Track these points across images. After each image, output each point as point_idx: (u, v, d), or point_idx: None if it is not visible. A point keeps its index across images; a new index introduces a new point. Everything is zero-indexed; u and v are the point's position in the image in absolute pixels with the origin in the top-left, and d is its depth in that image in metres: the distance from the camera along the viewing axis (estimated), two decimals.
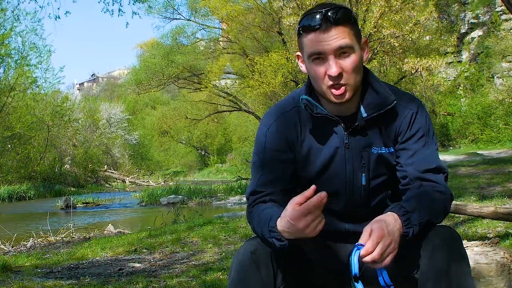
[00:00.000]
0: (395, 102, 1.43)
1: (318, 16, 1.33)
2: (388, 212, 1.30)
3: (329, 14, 1.32)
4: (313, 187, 1.24)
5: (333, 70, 1.33)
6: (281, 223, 1.29)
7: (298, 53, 1.47)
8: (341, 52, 1.34)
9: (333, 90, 1.37)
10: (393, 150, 1.47)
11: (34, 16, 21.81)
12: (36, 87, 24.58)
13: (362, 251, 1.24)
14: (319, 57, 1.35)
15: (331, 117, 1.44)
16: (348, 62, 1.35)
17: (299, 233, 1.25)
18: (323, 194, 1.21)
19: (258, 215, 1.41)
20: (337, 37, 1.33)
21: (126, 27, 20.76)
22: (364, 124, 1.44)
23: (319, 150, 1.47)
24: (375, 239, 1.22)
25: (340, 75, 1.35)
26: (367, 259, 1.23)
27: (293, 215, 1.23)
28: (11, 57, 22.66)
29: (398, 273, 1.35)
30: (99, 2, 11.81)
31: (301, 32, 1.38)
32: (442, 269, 1.25)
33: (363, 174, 1.46)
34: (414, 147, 1.44)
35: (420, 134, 1.45)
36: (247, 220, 1.51)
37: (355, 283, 1.28)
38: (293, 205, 1.24)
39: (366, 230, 1.25)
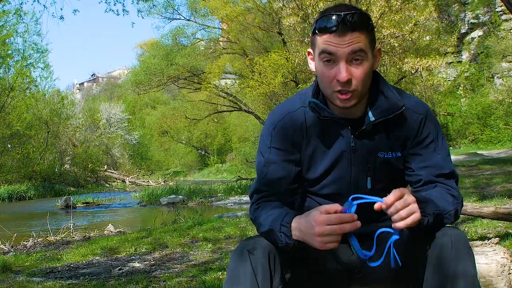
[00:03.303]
0: (404, 107, 1.42)
1: (335, 18, 1.31)
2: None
3: (347, 17, 1.30)
4: (339, 207, 1.27)
5: (343, 76, 1.31)
6: (299, 221, 1.31)
7: (309, 50, 1.45)
8: (353, 58, 1.32)
9: (339, 95, 1.35)
10: (400, 155, 1.46)
11: (33, 16, 21.88)
12: (35, 86, 24.66)
13: (377, 204, 1.24)
14: (330, 58, 1.33)
15: (338, 120, 1.43)
16: (359, 69, 1.33)
17: (310, 238, 1.27)
18: (358, 224, 1.24)
19: (269, 211, 1.42)
20: (352, 42, 1.30)
21: (132, 27, 21.02)
22: (371, 128, 1.43)
23: (324, 152, 1.46)
24: (397, 193, 1.24)
25: (349, 82, 1.32)
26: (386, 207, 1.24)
27: (318, 217, 1.25)
28: (11, 57, 22.70)
29: (405, 273, 1.35)
30: (99, 2, 11.92)
31: (316, 31, 1.36)
32: (449, 270, 1.25)
33: (369, 178, 1.46)
34: (425, 152, 1.44)
35: (430, 140, 1.44)
36: (250, 217, 1.51)
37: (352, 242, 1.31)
38: (321, 210, 1.26)
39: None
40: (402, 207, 1.22)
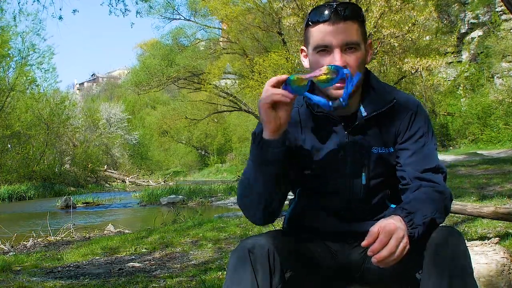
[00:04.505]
0: (395, 101, 1.44)
1: (327, 11, 1.34)
2: (391, 216, 1.29)
3: (339, 9, 1.34)
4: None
5: (338, 63, 1.33)
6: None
7: (303, 47, 1.47)
8: (347, 47, 1.35)
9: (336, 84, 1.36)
10: (392, 150, 1.47)
11: (35, 18, 21.92)
12: (36, 86, 24.68)
13: (369, 251, 1.19)
14: (324, 48, 1.36)
15: (332, 117, 1.44)
16: (353, 57, 1.36)
17: (270, 112, 1.26)
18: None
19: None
20: (345, 31, 1.34)
21: (131, 27, 20.98)
22: (364, 123, 1.44)
23: (319, 149, 1.47)
24: (385, 234, 1.19)
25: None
26: (376, 258, 1.19)
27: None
28: (11, 57, 22.72)
29: (400, 273, 1.35)
30: (101, 4, 11.89)
31: (309, 23, 1.39)
32: (445, 269, 1.25)
33: (363, 174, 1.46)
34: (413, 147, 1.44)
35: (419, 134, 1.45)
36: (238, 188, 1.52)
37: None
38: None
39: (373, 230, 1.20)
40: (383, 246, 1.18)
